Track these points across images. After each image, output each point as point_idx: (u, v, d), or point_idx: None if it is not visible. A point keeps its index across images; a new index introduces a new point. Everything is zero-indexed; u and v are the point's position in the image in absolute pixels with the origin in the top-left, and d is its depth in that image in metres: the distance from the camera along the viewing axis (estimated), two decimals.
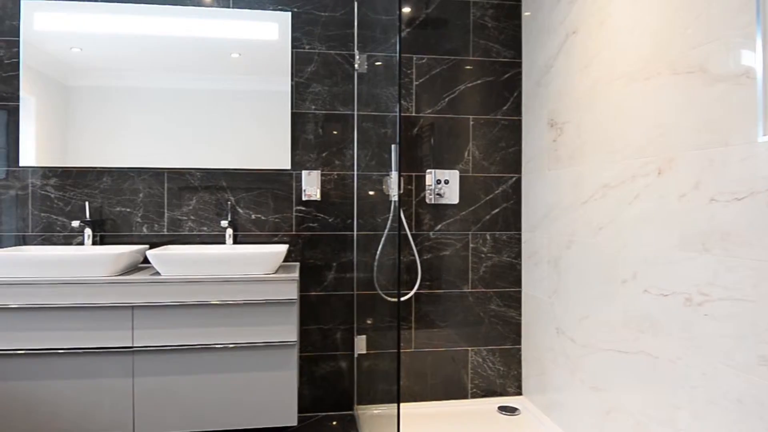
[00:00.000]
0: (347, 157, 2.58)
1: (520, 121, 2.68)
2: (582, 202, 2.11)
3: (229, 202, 2.49)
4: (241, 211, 2.50)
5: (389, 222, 2.52)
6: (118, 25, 2.41)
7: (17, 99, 2.37)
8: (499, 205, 2.67)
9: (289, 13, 2.52)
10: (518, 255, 2.68)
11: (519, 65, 2.68)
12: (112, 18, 2.41)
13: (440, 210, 2.63)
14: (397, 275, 1.57)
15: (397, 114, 1.77)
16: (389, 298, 2.37)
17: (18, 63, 2.37)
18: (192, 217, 2.47)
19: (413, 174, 2.61)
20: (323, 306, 2.56)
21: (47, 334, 2.00)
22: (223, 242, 2.48)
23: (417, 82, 2.62)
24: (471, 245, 2.65)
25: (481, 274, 2.66)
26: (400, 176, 2.50)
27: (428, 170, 2.61)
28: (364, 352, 2.55)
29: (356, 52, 2.57)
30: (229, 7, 2.49)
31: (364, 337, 2.55)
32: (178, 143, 2.44)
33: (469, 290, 2.65)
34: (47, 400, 2.00)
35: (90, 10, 2.40)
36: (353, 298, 2.59)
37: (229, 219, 2.42)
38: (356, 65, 2.56)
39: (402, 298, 2.59)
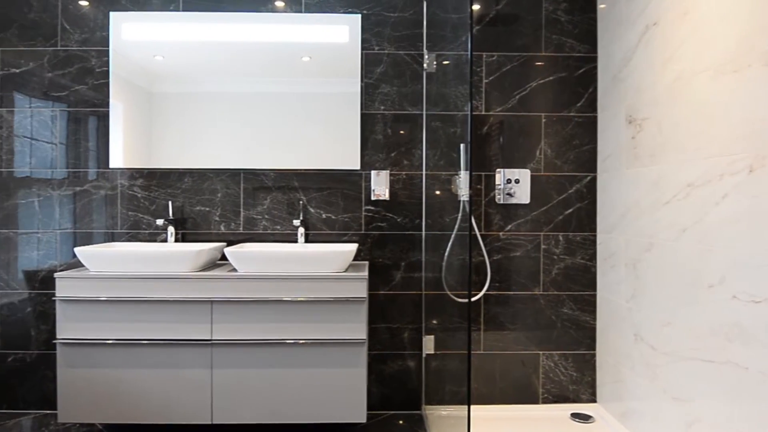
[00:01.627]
0: (416, 156, 2.58)
1: (595, 117, 2.58)
2: (663, 202, 2.01)
3: (300, 202, 2.55)
4: (312, 210, 2.56)
5: (458, 222, 2.50)
6: (197, 33, 2.53)
7: (107, 105, 2.54)
8: (572, 205, 2.58)
9: (359, 16, 2.55)
10: (593, 257, 2.58)
11: (594, 60, 2.58)
12: (191, 27, 2.53)
13: (510, 210, 2.58)
14: (468, 276, 1.55)
15: (468, 113, 1.74)
16: (458, 299, 2.35)
17: (108, 71, 2.53)
18: (266, 216, 2.56)
19: (482, 173, 2.57)
20: (391, 305, 2.58)
21: (134, 326, 2.13)
22: (295, 241, 2.54)
23: (487, 80, 2.58)
24: (543, 246, 2.58)
25: (554, 276, 2.58)
26: (471, 176, 2.48)
27: (498, 169, 2.57)
28: (432, 352, 2.54)
29: (425, 51, 2.56)
30: (301, 11, 2.55)
31: (432, 337, 2.55)
32: (253, 145, 2.53)
33: (541, 293, 2.58)
34: (134, 386, 2.13)
35: (171, 20, 2.53)
36: (421, 297, 2.58)
37: (301, 218, 2.48)
38: (425, 65, 2.56)
39: (468, 300, 2.56)
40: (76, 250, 2.16)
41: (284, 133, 2.54)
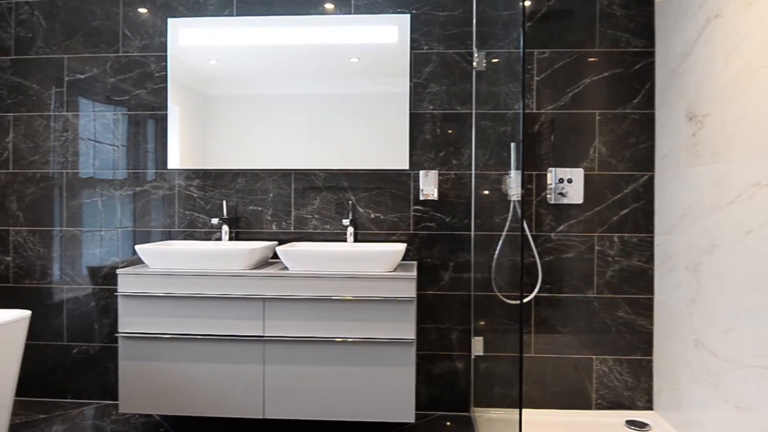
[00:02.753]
0: (465, 156, 2.56)
1: (652, 114, 2.49)
2: (727, 202, 1.91)
3: (350, 202, 2.57)
4: (361, 210, 2.58)
5: (508, 222, 2.46)
6: (250, 37, 2.59)
7: (165, 108, 2.64)
8: (628, 206, 2.50)
9: (408, 15, 2.55)
10: (650, 259, 2.49)
11: (651, 55, 2.49)
12: (244, 31, 2.59)
13: (562, 210, 2.52)
14: (520, 278, 1.53)
15: (521, 111, 1.72)
16: (508, 301, 2.32)
17: (166, 76, 2.63)
18: (316, 216, 2.59)
19: (533, 173, 2.53)
20: (439, 305, 2.56)
21: (190, 321, 2.20)
22: (344, 240, 2.57)
23: (538, 78, 2.53)
24: (596, 248, 2.51)
25: (608, 278, 2.50)
26: (523, 175, 2.43)
27: (549, 169, 2.51)
28: (482, 353, 2.51)
29: (475, 50, 2.54)
30: (350, 13, 2.57)
31: (481, 338, 2.52)
32: (304, 145, 2.58)
33: (594, 295, 2.51)
34: (190, 379, 2.20)
35: (225, 25, 2.60)
36: (470, 298, 2.56)
37: (350, 218, 2.50)
38: (474, 63, 2.53)
39: (520, 301, 2.51)
40: (137, 247, 2.25)
41: (334, 134, 2.57)
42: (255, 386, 2.18)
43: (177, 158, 2.63)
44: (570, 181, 2.50)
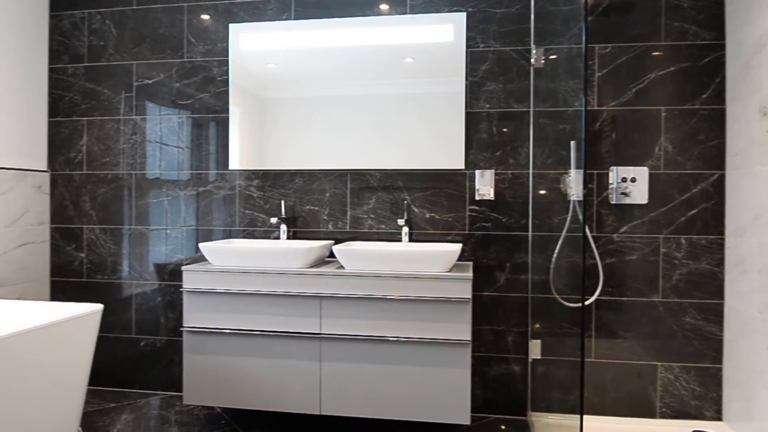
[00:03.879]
0: (522, 155, 2.51)
1: (722, 110, 2.37)
2: None
3: (405, 201, 2.58)
4: (416, 210, 2.58)
5: (567, 222, 2.40)
6: (306, 40, 2.64)
7: (226, 111, 2.72)
8: (696, 206, 2.38)
9: (464, 14, 2.53)
10: (720, 262, 2.37)
11: (721, 48, 2.37)
12: (301, 34, 2.64)
13: (625, 211, 2.43)
14: (582, 281, 1.48)
15: (582, 108, 1.67)
16: (567, 303, 2.26)
17: (227, 80, 2.72)
18: (371, 216, 2.61)
19: (594, 172, 2.45)
20: (495, 307, 2.53)
21: (250, 317, 2.26)
22: (399, 240, 2.57)
23: (599, 74, 2.45)
24: (662, 250, 2.40)
25: (674, 282, 2.40)
26: (585, 174, 2.36)
27: (611, 167, 2.43)
28: (539, 357, 2.46)
29: (533, 46, 2.49)
30: (405, 13, 2.57)
31: (538, 341, 2.46)
32: (359, 146, 2.60)
33: (659, 299, 2.41)
34: (250, 374, 2.26)
35: (283, 29, 2.66)
36: (527, 300, 2.51)
37: (405, 218, 2.51)
38: (532, 60, 2.48)
39: (581, 304, 2.45)
40: (201, 245, 2.33)
41: (389, 134, 2.58)
42: (312, 382, 2.22)
43: (237, 159, 2.71)
44: (633, 180, 2.41)
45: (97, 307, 2.06)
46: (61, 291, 2.87)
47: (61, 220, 2.87)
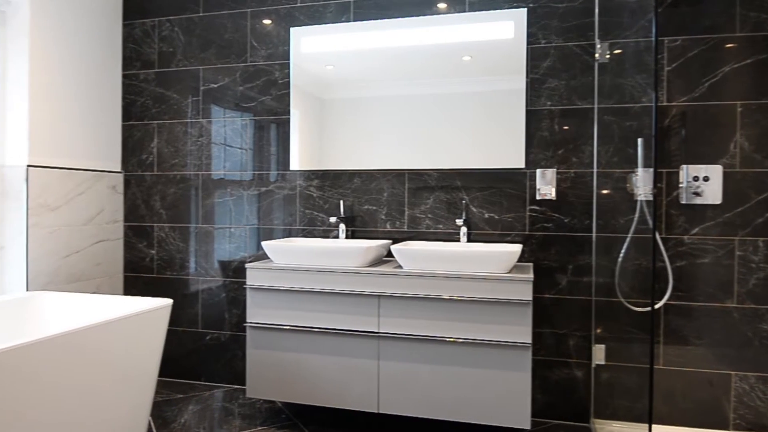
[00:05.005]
0: (585, 153, 2.43)
1: None
2: None
3: (463, 201, 2.56)
4: (474, 209, 2.55)
5: (634, 223, 2.31)
6: (364, 41, 2.66)
7: (286, 113, 2.79)
8: None
9: (525, 10, 2.48)
10: None
11: None
12: (359, 36, 2.67)
13: (696, 211, 2.32)
14: (651, 285, 1.42)
15: (653, 104, 1.60)
16: (634, 308, 2.18)
17: (288, 83, 2.78)
18: (429, 215, 2.61)
19: (662, 171, 2.34)
20: (557, 310, 2.47)
21: (310, 314, 2.31)
22: (457, 240, 2.56)
23: (669, 68, 2.34)
24: (737, 253, 2.27)
25: (751, 287, 2.26)
26: (655, 173, 2.27)
27: (681, 166, 2.32)
28: (603, 362, 2.38)
29: (597, 41, 2.41)
30: (464, 11, 2.55)
31: (602, 346, 2.39)
32: (416, 146, 2.60)
33: (734, 305, 2.28)
34: (310, 370, 2.31)
35: (342, 31, 2.69)
36: (590, 304, 2.43)
37: (464, 217, 2.49)
38: (597, 55, 2.40)
39: (648, 308, 2.35)
40: (263, 243, 2.40)
41: (446, 134, 2.57)
42: (370, 381, 2.24)
43: (297, 160, 2.77)
44: (706, 179, 2.29)
45: (167, 302, 2.16)
46: (133, 286, 3.03)
47: (133, 219, 3.03)
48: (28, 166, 2.44)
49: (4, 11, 2.45)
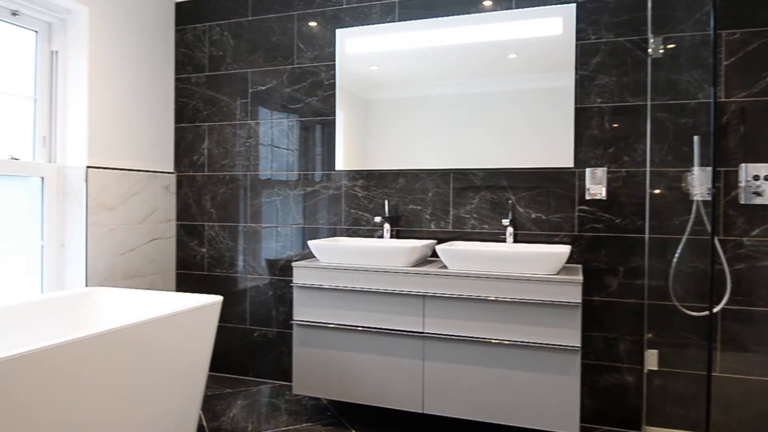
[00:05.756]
0: (638, 152, 2.36)
1: None
2: None
3: (509, 201, 2.52)
4: (521, 209, 2.52)
5: (690, 224, 2.23)
6: (408, 41, 2.66)
7: (332, 114, 2.82)
8: None
9: (574, 5, 2.42)
10: None
11: None
12: (403, 35, 2.67)
13: (757, 212, 2.21)
14: (710, 289, 1.37)
15: (711, 100, 1.54)
16: (689, 312, 2.09)
17: (334, 84, 2.81)
18: (474, 215, 2.59)
19: (720, 169, 2.25)
20: (607, 313, 2.40)
21: (354, 313, 2.33)
22: (503, 240, 2.52)
23: (727, 62, 2.24)
24: None
25: None
26: (714, 172, 2.17)
27: (740, 165, 2.22)
28: (656, 368, 2.30)
29: (650, 35, 2.33)
30: (511, 8, 2.52)
31: (655, 351, 2.31)
32: (461, 145, 2.58)
33: None
34: (355, 369, 2.33)
35: (387, 31, 2.70)
36: (643, 307, 2.36)
37: (510, 218, 2.45)
38: (649, 50, 2.33)
39: (705, 313, 2.26)
40: (310, 243, 2.44)
41: (492, 133, 2.54)
42: (415, 381, 2.24)
43: (342, 160, 2.79)
44: (767, 178, 2.18)
45: (218, 299, 2.22)
46: (184, 282, 3.13)
47: (185, 218, 3.13)
48: (88, 167, 2.55)
49: (65, 19, 2.58)
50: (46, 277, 2.52)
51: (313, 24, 2.85)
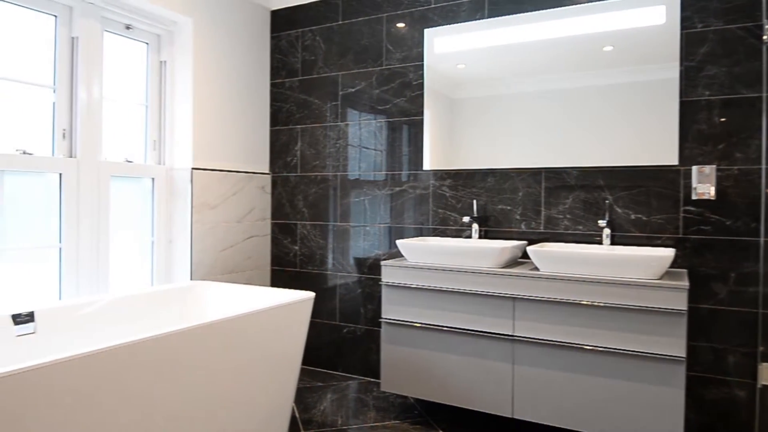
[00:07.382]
0: (752, 148, 2.17)
1: None
2: None
3: (606, 201, 2.41)
4: (618, 210, 2.40)
5: None
6: (496, 38, 2.61)
7: (419, 114, 2.83)
8: None
9: None
10: None
11: None
12: (491, 32, 2.62)
13: None
14: None
15: None
16: None
17: (422, 84, 2.82)
18: (567, 216, 2.50)
19: None
20: (715, 322, 2.23)
21: (442, 313, 2.33)
22: (598, 242, 2.42)
23: None
24: None
25: None
26: None
27: None
28: None
29: (765, 21, 2.13)
30: None
31: None
32: (553, 143, 2.50)
33: None
34: (442, 369, 2.33)
35: (475, 29, 2.66)
36: (756, 317, 2.17)
37: (607, 218, 2.34)
38: (765, 37, 2.13)
39: None
40: (398, 242, 2.47)
41: (586, 129, 2.43)
42: (504, 384, 2.21)
43: (429, 160, 2.80)
44: None
45: (310, 295, 2.30)
46: (278, 278, 3.27)
47: (279, 217, 3.27)
48: (192, 168, 2.74)
49: (172, 31, 2.78)
50: (155, 270, 2.73)
51: (401, 25, 2.87)
